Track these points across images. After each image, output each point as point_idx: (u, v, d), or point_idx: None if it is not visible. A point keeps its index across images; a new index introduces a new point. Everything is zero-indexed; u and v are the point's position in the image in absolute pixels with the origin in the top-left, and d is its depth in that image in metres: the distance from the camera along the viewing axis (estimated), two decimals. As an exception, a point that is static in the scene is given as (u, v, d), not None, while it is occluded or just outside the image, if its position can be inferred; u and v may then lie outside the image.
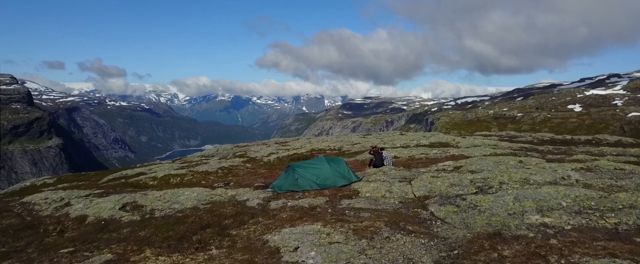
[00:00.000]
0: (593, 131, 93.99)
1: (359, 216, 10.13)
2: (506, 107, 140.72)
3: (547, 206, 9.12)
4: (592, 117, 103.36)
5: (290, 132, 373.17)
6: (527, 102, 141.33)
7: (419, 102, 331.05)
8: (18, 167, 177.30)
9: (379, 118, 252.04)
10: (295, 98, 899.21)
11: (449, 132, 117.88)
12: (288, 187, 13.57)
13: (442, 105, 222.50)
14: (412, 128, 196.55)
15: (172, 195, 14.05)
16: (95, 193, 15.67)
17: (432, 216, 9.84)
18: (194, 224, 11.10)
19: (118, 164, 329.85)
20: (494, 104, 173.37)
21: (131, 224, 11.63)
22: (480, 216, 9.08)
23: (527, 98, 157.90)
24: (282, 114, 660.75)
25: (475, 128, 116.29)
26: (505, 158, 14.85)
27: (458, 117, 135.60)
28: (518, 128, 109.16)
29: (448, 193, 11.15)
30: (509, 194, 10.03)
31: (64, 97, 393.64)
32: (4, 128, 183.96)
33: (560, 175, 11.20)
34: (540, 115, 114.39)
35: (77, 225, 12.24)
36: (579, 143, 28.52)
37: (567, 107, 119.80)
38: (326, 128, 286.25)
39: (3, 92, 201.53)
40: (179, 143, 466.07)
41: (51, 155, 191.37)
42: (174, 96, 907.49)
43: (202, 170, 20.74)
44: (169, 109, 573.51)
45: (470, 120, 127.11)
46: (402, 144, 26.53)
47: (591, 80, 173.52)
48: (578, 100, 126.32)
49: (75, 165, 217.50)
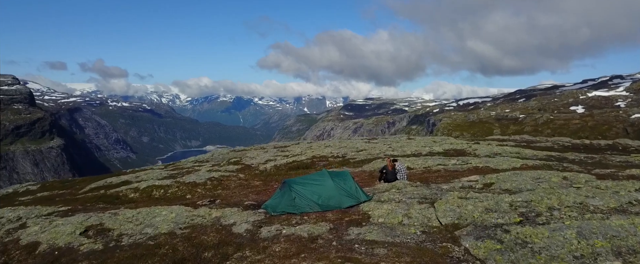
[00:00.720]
0: (596, 132, 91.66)
1: (373, 254, 7.86)
2: (508, 108, 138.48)
3: (626, 246, 6.84)
4: (595, 118, 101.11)
5: (291, 133, 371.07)
6: (529, 104, 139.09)
7: (421, 103, 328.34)
8: (20, 168, 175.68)
9: (381, 119, 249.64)
10: (296, 99, 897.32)
11: (450, 133, 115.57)
12: (283, 208, 11.24)
13: (443, 106, 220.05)
14: (414, 130, 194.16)
15: (147, 215, 11.82)
16: (59, 211, 13.45)
17: (467, 255, 7.57)
18: (166, 258, 8.89)
19: (120, 165, 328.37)
20: (495, 105, 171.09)
21: (90, 256, 9.41)
22: (535, 260, 6.81)
23: (529, 99, 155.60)
24: (284, 115, 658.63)
25: (477, 130, 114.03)
26: (543, 173, 12.48)
27: (460, 118, 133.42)
28: (520, 130, 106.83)
29: (484, 222, 8.84)
30: (568, 226, 7.74)
31: (66, 98, 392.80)
32: (6, 129, 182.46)
33: (626, 198, 8.88)
34: (542, 116, 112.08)
35: (24, 256, 10.01)
36: (604, 150, 26.15)
37: (570, 109, 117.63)
38: (327, 129, 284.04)
39: (5, 93, 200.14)
40: (180, 143, 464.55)
41: (53, 156, 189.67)
42: (175, 97, 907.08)
43: (189, 181, 18.43)
44: (170, 110, 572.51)
45: (472, 122, 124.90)
46: (413, 151, 24.12)
47: (593, 82, 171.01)
48: (580, 101, 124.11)
49: (77, 165, 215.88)
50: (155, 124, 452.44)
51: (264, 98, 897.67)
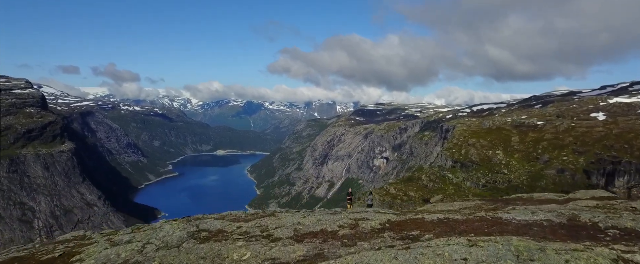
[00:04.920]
0: (622, 141, 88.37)
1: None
2: (524, 115, 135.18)
3: None
4: (620, 125, 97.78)
5: (302, 138, 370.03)
6: (547, 110, 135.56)
7: (433, 108, 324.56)
8: (31, 171, 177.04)
9: (392, 125, 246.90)
10: (306, 103, 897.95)
11: (467, 140, 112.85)
12: None
13: (456, 111, 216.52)
14: (427, 136, 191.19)
15: None
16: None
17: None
18: None
19: (130, 168, 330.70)
20: (511, 111, 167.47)
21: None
22: None
23: (546, 105, 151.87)
24: (294, 120, 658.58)
25: (494, 137, 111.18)
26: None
27: (475, 124, 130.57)
28: (540, 138, 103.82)
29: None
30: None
31: (79, 102, 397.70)
32: (18, 132, 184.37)
33: None
34: (563, 123, 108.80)
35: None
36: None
37: (590, 116, 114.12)
38: (338, 135, 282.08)
39: (17, 96, 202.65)
40: (191, 148, 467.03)
41: (63, 160, 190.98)
42: (186, 101, 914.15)
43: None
44: (181, 114, 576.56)
45: (488, 128, 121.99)
46: None
47: (613, 88, 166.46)
48: (601, 108, 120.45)
49: (88, 169, 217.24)
50: (167, 128, 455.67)
51: (274, 103, 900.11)
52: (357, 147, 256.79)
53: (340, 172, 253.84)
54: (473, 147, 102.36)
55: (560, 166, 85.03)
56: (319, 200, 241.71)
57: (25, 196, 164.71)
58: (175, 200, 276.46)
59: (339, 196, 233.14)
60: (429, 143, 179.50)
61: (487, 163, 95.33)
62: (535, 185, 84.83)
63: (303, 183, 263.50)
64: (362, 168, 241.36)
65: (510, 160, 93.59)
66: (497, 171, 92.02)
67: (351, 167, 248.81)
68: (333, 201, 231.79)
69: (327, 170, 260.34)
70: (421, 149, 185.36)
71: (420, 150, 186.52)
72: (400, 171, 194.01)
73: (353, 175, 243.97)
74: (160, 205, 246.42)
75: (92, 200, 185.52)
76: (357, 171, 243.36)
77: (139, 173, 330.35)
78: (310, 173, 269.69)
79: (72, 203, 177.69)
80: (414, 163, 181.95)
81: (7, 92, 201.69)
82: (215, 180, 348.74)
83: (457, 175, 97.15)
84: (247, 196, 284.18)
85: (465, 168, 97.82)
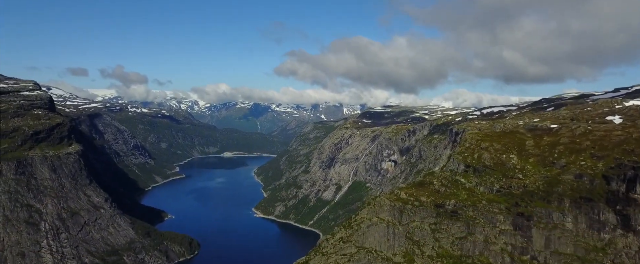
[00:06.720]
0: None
1: None
2: (537, 118, 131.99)
3: None
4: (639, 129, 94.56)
5: (309, 140, 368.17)
6: (560, 113, 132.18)
7: (441, 111, 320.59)
8: (38, 173, 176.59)
9: (400, 128, 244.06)
10: (314, 106, 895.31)
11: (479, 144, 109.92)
12: None
13: (466, 114, 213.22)
14: (436, 139, 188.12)
15: None
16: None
17: None
18: None
19: (137, 170, 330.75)
20: (522, 114, 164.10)
21: None
22: None
23: (559, 108, 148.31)
24: (301, 122, 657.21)
25: (508, 141, 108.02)
26: None
27: (486, 128, 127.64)
28: (556, 141, 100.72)
29: None
30: None
31: (87, 103, 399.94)
32: (26, 134, 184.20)
33: None
34: (579, 127, 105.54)
35: None
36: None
37: (606, 119, 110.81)
38: (345, 137, 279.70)
39: (25, 98, 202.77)
40: (198, 150, 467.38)
41: (70, 162, 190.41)
42: (194, 103, 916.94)
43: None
44: (188, 116, 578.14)
45: (501, 132, 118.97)
46: None
47: (627, 90, 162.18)
48: (617, 111, 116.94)
49: (95, 171, 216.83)
50: (174, 130, 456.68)
51: (281, 105, 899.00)
52: (364, 150, 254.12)
53: (348, 175, 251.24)
54: (486, 151, 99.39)
55: (578, 171, 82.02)
56: (326, 203, 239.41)
57: (32, 198, 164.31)
58: (182, 202, 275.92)
59: (346, 200, 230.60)
60: (438, 146, 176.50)
61: (501, 168, 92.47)
62: (552, 191, 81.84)
63: (310, 186, 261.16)
64: (369, 171, 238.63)
65: (525, 164, 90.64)
66: (512, 176, 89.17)
67: (359, 170, 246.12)
68: (340, 205, 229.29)
69: (334, 173, 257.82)
70: (430, 152, 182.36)
71: (429, 153, 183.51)
72: (408, 175, 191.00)
73: (361, 178, 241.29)
74: (167, 207, 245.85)
75: (99, 202, 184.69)
76: (365, 174, 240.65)
77: (146, 175, 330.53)
78: (318, 175, 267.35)
79: (78, 206, 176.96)
80: (423, 167, 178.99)
81: (15, 93, 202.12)
82: (222, 182, 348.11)
83: (469, 179, 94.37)
84: (254, 198, 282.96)
85: (478, 172, 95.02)
